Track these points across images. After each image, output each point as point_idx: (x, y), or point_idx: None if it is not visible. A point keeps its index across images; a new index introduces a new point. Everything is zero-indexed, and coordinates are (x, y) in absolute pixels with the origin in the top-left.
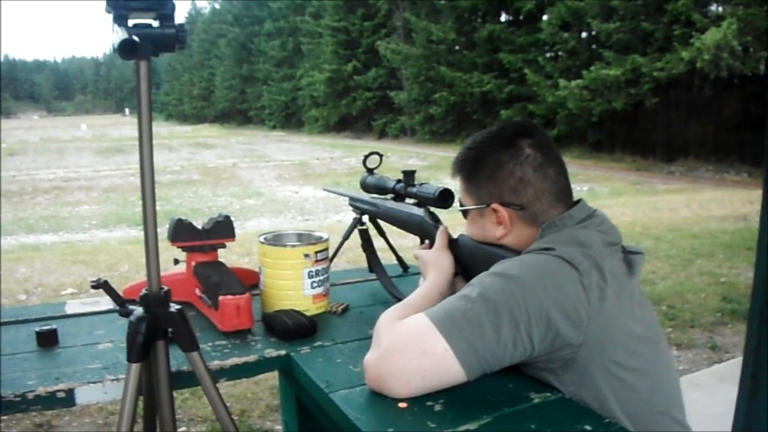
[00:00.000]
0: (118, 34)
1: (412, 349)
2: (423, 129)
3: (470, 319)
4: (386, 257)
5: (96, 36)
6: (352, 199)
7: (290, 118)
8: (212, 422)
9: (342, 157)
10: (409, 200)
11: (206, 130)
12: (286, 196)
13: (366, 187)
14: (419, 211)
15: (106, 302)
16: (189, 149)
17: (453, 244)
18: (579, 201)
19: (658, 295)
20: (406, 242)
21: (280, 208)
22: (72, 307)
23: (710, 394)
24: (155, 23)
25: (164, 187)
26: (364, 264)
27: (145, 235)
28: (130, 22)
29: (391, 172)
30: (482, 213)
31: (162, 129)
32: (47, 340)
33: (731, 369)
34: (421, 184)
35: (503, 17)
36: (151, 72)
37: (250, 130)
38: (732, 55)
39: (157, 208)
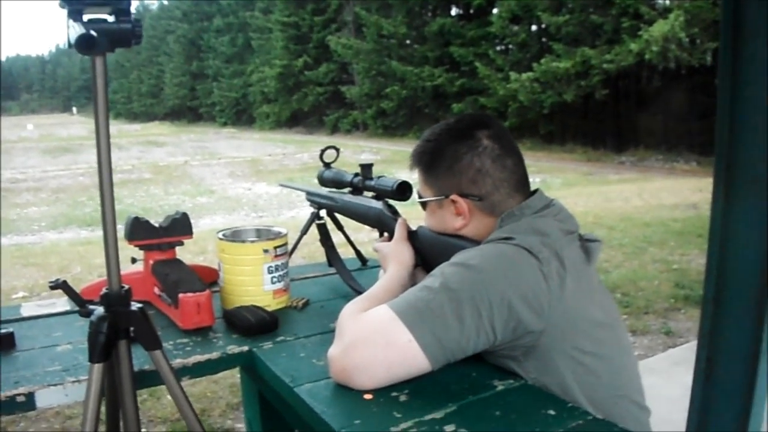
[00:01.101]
0: (75, 30)
1: (377, 340)
2: (375, 123)
3: (433, 310)
4: (344, 251)
5: (41, 34)
6: (309, 193)
7: (241, 115)
8: (172, 423)
9: (294, 152)
10: (367, 193)
11: (156, 128)
12: (239, 193)
13: (323, 181)
14: (378, 204)
15: (62, 304)
16: (139, 148)
17: (412, 236)
18: (536, 191)
19: (613, 283)
20: (362, 236)
21: (233, 205)
22: (28, 310)
23: (666, 378)
24: (111, 18)
25: (115, 187)
26: (320, 259)
27: (104, 233)
28: (85, 17)
29: (344, 167)
30: (441, 204)
31: (111, 127)
32: (4, 344)
33: (685, 353)
34: (379, 177)
35: (453, 11)
36: (106, 68)
37: (200, 128)
38: (680, 47)
39: None
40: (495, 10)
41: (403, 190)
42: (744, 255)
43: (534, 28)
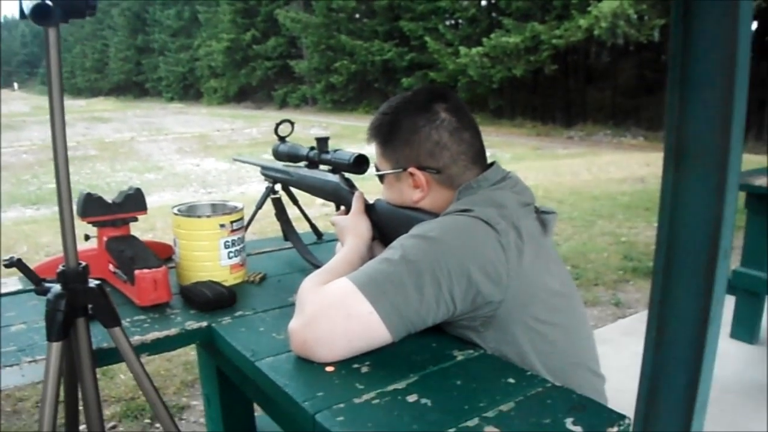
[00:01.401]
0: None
1: (337, 313)
2: (324, 98)
3: (393, 281)
4: (299, 226)
5: None
6: (264, 168)
7: (188, 90)
8: (126, 402)
9: (243, 128)
10: (323, 167)
11: (101, 103)
12: (187, 170)
13: (278, 155)
14: (334, 178)
15: (13, 283)
16: (84, 124)
17: (369, 209)
18: (493, 163)
19: (563, 256)
20: (313, 211)
21: (182, 181)
22: None
23: (615, 348)
24: None
25: None
26: (271, 234)
27: (60, 210)
28: None
29: (292, 141)
30: (399, 177)
31: None
32: None
33: (634, 324)
34: (335, 150)
35: None
36: (60, 39)
37: (147, 103)
38: (628, 23)
39: (53, 186)
40: None
41: (359, 163)
42: (693, 226)
43: (484, 2)
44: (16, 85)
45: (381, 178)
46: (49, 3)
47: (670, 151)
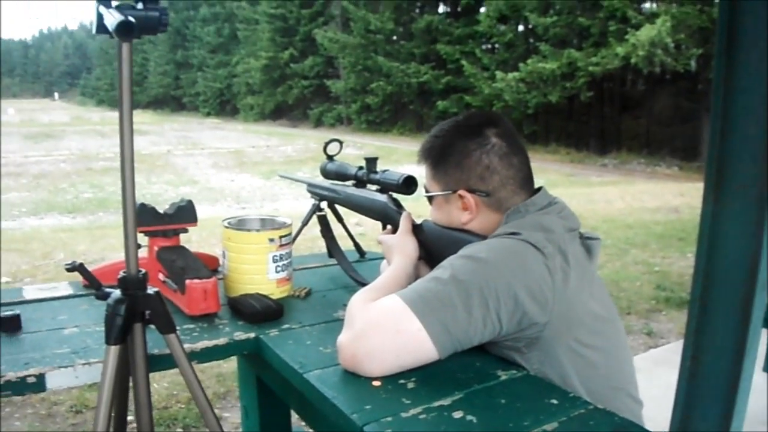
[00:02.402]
0: (113, 16)
1: (387, 328)
2: (359, 118)
3: (442, 300)
4: (342, 244)
5: (24, 18)
6: (310, 185)
7: (225, 106)
8: (158, 411)
9: (278, 145)
10: (371, 187)
11: (139, 116)
12: (222, 184)
13: (326, 173)
14: (382, 197)
15: (64, 288)
16: None
17: (417, 230)
18: (540, 188)
19: None
20: (359, 229)
21: (216, 196)
22: (30, 293)
23: (647, 378)
24: (139, 5)
25: (97, 174)
26: (307, 251)
27: (123, 218)
28: (114, 3)
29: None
30: (448, 199)
31: (94, 114)
32: (11, 326)
33: (667, 354)
34: (384, 170)
35: (441, 8)
36: (132, 55)
37: (184, 117)
38: (665, 52)
39: (90, 195)
40: (483, 9)
41: (408, 184)
42: (731, 256)
43: (521, 28)
44: (56, 95)
45: (430, 199)
46: (132, 19)
47: (710, 181)
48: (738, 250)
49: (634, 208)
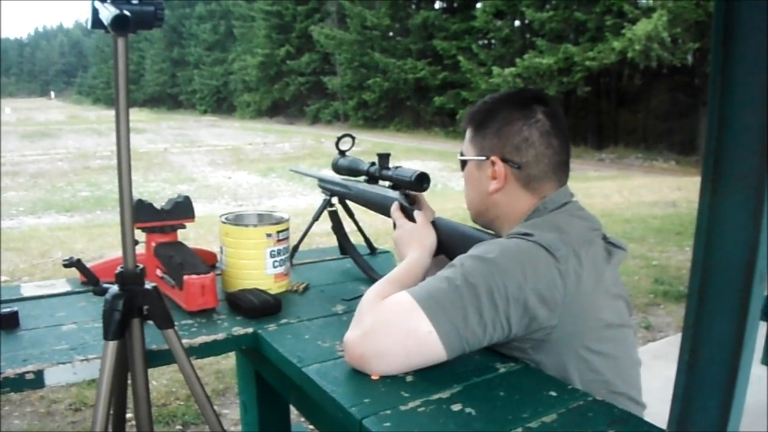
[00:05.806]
0: (109, 10)
1: (397, 328)
2: (356, 114)
3: (453, 301)
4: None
5: (20, 16)
6: (321, 180)
7: (222, 103)
8: (158, 408)
9: (275, 142)
10: (383, 183)
11: (136, 114)
12: (219, 182)
13: (338, 168)
14: (395, 194)
15: (61, 285)
16: None
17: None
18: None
19: None
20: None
21: (213, 193)
22: (28, 290)
23: (646, 371)
24: (135, 0)
25: (94, 173)
26: (307, 246)
27: (120, 214)
28: None
29: (324, 157)
30: (480, 166)
31: (90, 113)
32: (9, 323)
33: (665, 347)
34: (397, 167)
35: (437, 4)
36: (128, 50)
37: (180, 115)
38: (662, 46)
39: (87, 194)
40: (479, 5)
41: (421, 181)
42: (729, 249)
43: (517, 23)
44: (53, 93)
45: (463, 165)
46: (128, 14)
47: (707, 173)
48: (736, 243)
49: (632, 203)
